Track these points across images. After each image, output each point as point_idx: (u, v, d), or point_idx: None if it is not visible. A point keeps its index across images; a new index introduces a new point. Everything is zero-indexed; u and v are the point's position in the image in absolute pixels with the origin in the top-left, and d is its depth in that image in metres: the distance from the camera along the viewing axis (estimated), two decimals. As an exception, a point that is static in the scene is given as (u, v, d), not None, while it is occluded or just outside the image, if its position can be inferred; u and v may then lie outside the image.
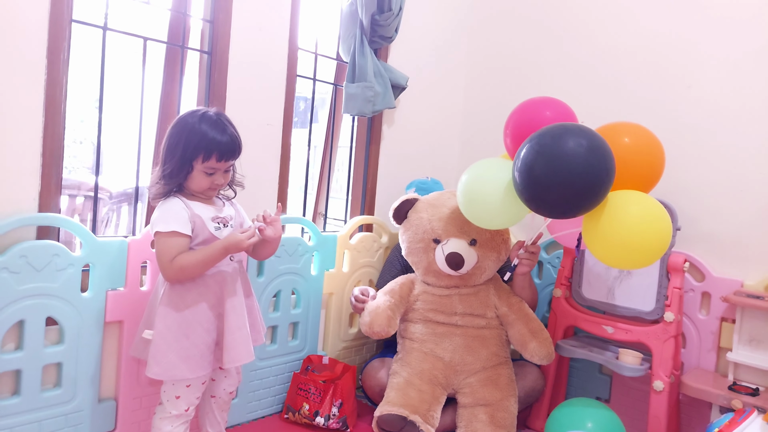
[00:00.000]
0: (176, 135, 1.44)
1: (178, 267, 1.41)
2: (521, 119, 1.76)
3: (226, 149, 1.46)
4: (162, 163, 1.46)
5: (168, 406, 1.50)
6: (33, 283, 1.47)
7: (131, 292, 1.66)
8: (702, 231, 2.06)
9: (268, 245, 1.60)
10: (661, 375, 1.88)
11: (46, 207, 1.52)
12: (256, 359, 1.99)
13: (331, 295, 2.26)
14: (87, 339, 1.60)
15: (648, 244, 1.53)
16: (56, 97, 1.49)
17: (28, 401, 1.50)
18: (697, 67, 2.10)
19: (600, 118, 1.87)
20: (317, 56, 2.27)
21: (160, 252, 1.42)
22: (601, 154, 1.50)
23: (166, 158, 1.45)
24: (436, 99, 2.69)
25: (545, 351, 1.94)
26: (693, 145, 2.10)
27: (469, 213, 1.81)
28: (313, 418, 1.97)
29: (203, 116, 1.45)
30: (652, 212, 1.54)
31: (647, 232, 1.52)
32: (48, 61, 1.47)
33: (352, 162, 2.49)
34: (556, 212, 1.57)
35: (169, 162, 1.44)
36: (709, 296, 2.03)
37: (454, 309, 2.01)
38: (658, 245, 1.54)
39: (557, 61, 2.48)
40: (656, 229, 1.53)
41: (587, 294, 2.15)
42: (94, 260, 1.58)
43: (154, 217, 1.46)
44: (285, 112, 2.06)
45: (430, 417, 1.85)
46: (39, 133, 1.49)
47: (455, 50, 2.75)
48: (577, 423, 1.76)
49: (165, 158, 1.46)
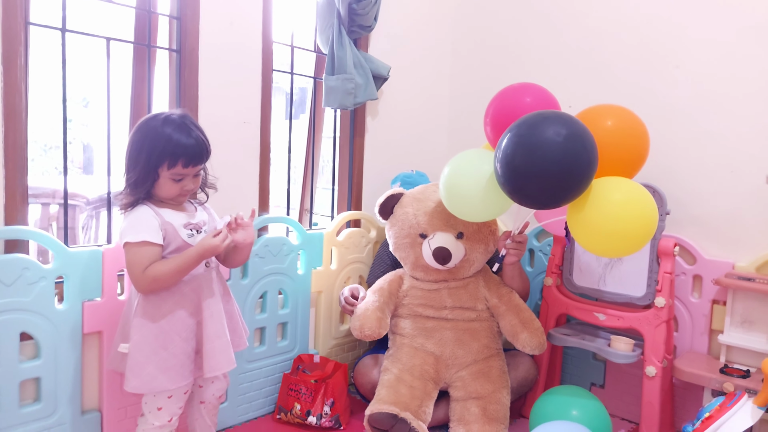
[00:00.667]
0: (138, 141, 1.38)
1: (151, 278, 1.36)
2: (501, 107, 1.71)
3: (193, 153, 1.39)
4: (126, 172, 1.40)
5: (150, 418, 1.47)
6: (3, 299, 1.43)
7: (108, 301, 1.62)
8: (692, 214, 2.03)
9: (239, 252, 1.53)
10: (653, 360, 1.86)
11: (12, 219, 1.47)
12: (244, 361, 1.97)
13: (320, 293, 2.23)
14: (65, 352, 1.56)
15: (633, 231, 1.49)
16: (15, 103, 1.43)
17: (6, 417, 1.47)
18: (685, 47, 2.04)
19: (587, 101, 1.82)
20: (294, 49, 2.21)
21: (131, 263, 1.37)
22: (582, 141, 1.45)
23: (130, 166, 1.39)
24: (420, 88, 2.63)
25: (537, 341, 1.91)
26: (681, 126, 2.05)
27: (453, 207, 1.77)
28: (305, 418, 1.95)
29: (166, 119, 1.39)
30: (635, 198, 1.50)
31: (631, 218, 1.48)
32: (3, 68, 1.41)
33: (336, 156, 2.44)
34: (539, 203, 1.53)
35: (132, 170, 1.38)
36: (700, 279, 2.00)
37: (444, 303, 1.98)
38: (644, 232, 1.50)
39: (544, 45, 2.42)
40: (641, 215, 1.49)
41: (578, 281, 2.12)
42: (67, 271, 1.54)
43: (122, 227, 1.40)
44: (262, 108, 2.00)
45: (421, 413, 1.83)
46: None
47: (439, 37, 2.68)
48: (561, 411, 1.74)
49: (128, 166, 1.40)
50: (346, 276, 2.31)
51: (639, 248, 1.55)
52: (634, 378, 2.13)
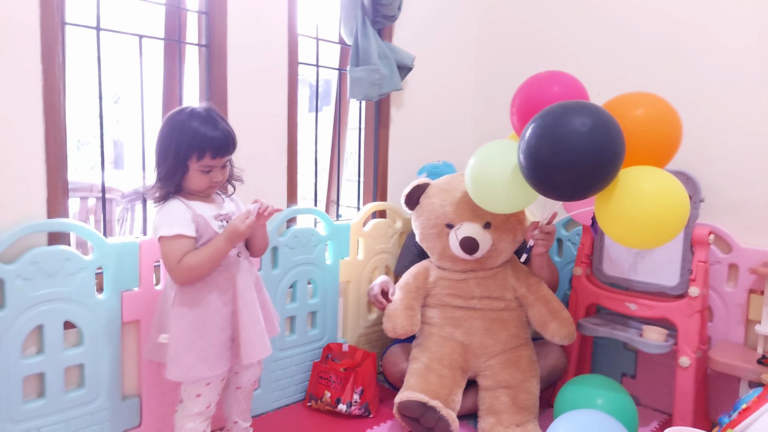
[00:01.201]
0: (167, 135, 1.42)
1: (186, 268, 1.40)
2: (528, 96, 1.69)
3: (220, 145, 1.43)
4: (157, 166, 1.44)
5: (189, 405, 1.52)
6: (47, 289, 1.49)
7: (146, 291, 1.67)
8: (727, 201, 1.98)
9: (257, 239, 1.58)
10: (686, 351, 1.83)
11: (55, 212, 1.53)
12: (276, 350, 2.01)
13: (348, 283, 2.25)
14: (106, 340, 1.62)
15: (663, 222, 1.46)
16: (55, 102, 1.48)
17: (52, 403, 1.54)
18: (717, 30, 1.98)
19: (617, 88, 1.78)
20: (319, 41, 2.22)
21: (167, 256, 1.41)
22: (607, 131, 1.42)
23: (160, 160, 1.43)
24: (445, 78, 2.61)
25: (566, 331, 1.90)
26: (716, 111, 2.00)
27: (479, 198, 1.77)
28: (335, 406, 1.99)
29: (192, 113, 1.42)
30: (665, 188, 1.47)
31: (661, 209, 1.45)
32: (43, 67, 1.46)
33: (361, 148, 2.45)
34: (564, 195, 1.51)
35: (163, 164, 1.42)
36: (736, 268, 1.95)
37: (472, 293, 1.98)
38: (674, 223, 1.47)
39: (571, 32, 2.37)
40: (671, 205, 1.46)
41: (608, 271, 2.10)
42: (106, 263, 1.60)
43: (155, 222, 1.45)
44: (289, 100, 2.03)
45: (450, 401, 1.84)
46: (41, 140, 1.49)
47: (464, 25, 2.65)
48: (586, 400, 1.73)
49: (158, 160, 1.44)
50: (372, 266, 2.33)
51: (669, 240, 1.52)
52: (667, 368, 2.10)
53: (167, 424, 1.76)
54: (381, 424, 1.98)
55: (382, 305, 2.01)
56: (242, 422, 1.72)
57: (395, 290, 2.04)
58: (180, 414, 1.54)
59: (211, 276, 1.47)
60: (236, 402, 1.69)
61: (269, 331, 1.61)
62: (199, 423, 1.53)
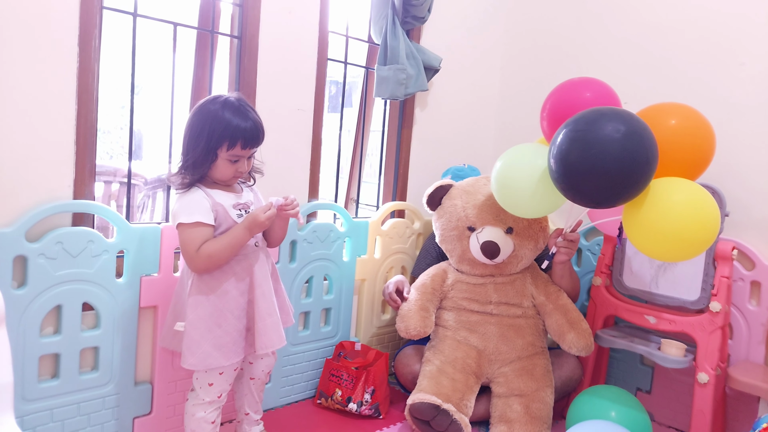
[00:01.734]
0: (199, 124, 1.42)
1: (205, 256, 1.40)
2: (559, 102, 1.67)
3: (251, 136, 1.43)
4: (185, 153, 1.44)
5: (201, 393, 1.51)
6: (69, 269, 1.49)
7: (165, 277, 1.67)
8: (753, 217, 1.95)
9: (276, 231, 1.59)
10: (706, 367, 1.80)
11: (81, 194, 1.54)
12: (288, 344, 2.00)
13: (364, 282, 2.24)
14: (122, 324, 1.62)
15: (693, 235, 1.44)
16: (88, 84, 1.49)
17: (66, 384, 1.54)
18: (751, 43, 1.96)
19: (645, 99, 1.77)
20: (348, 39, 2.23)
21: (186, 243, 1.41)
22: (641, 139, 1.41)
23: (189, 148, 1.43)
24: (471, 81, 2.61)
25: (584, 342, 1.88)
26: (744, 125, 1.97)
27: (504, 201, 1.75)
28: (345, 404, 1.97)
29: (225, 103, 1.42)
30: (697, 200, 1.45)
31: (692, 221, 1.43)
32: (80, 49, 1.47)
33: (384, 147, 2.45)
34: (594, 202, 1.49)
35: (192, 151, 1.42)
36: (759, 285, 1.92)
37: (489, 298, 1.96)
38: (704, 236, 1.45)
39: (600, 39, 2.36)
40: (702, 218, 1.43)
41: (629, 283, 2.07)
42: (128, 246, 1.60)
43: (175, 209, 1.44)
44: (316, 96, 2.03)
45: (463, 406, 1.82)
46: (72, 121, 1.50)
47: (491, 29, 2.65)
48: (600, 412, 1.70)
49: (188, 148, 1.44)
50: (389, 266, 2.32)
51: (698, 253, 1.49)
52: (683, 385, 2.06)
53: (178, 412, 1.76)
54: (391, 426, 1.96)
55: (396, 304, 2.00)
56: (253, 414, 1.71)
57: (411, 290, 2.02)
58: (191, 402, 1.53)
59: (229, 265, 1.47)
60: (249, 392, 1.68)
61: (285, 321, 1.61)
62: (210, 412, 1.53)
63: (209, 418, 1.53)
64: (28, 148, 1.45)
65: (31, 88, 1.43)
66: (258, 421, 1.73)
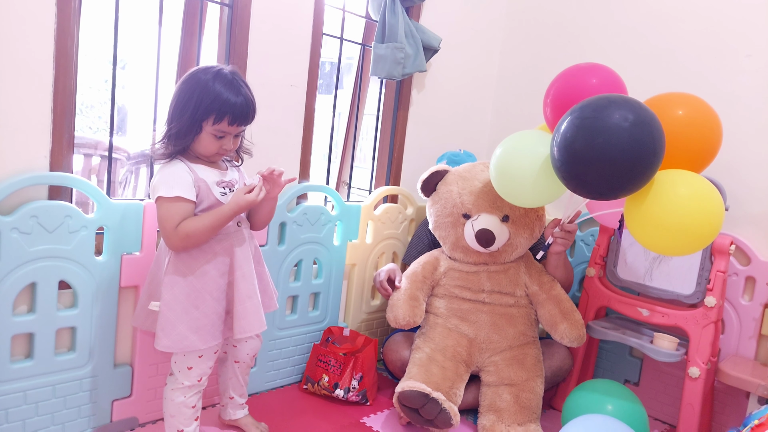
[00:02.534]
0: (187, 92, 1.33)
1: (183, 234, 1.32)
2: (564, 88, 1.61)
3: (240, 113, 1.35)
4: (168, 122, 1.35)
5: (180, 377, 1.45)
6: (45, 245, 1.41)
7: (147, 256, 1.60)
8: (750, 212, 1.93)
9: (263, 209, 1.50)
10: (697, 361, 1.79)
11: (58, 166, 1.45)
12: (275, 329, 1.95)
13: (354, 266, 2.19)
14: (101, 303, 1.55)
15: (697, 229, 1.40)
16: (67, 47, 1.39)
17: (41, 364, 1.47)
18: (758, 35, 1.92)
19: (647, 89, 1.72)
20: (345, 13, 2.14)
21: (164, 218, 1.33)
22: (649, 129, 1.35)
23: (174, 117, 1.34)
24: (470, 63, 2.54)
25: (576, 333, 1.85)
26: (745, 119, 1.94)
27: (502, 189, 1.70)
28: (332, 390, 1.93)
29: (217, 74, 1.33)
30: (703, 194, 1.41)
31: (697, 215, 1.39)
32: (57, 9, 1.37)
33: (378, 128, 2.38)
34: (597, 193, 1.44)
35: (176, 121, 1.33)
36: (753, 281, 1.91)
37: (482, 286, 1.92)
38: (708, 230, 1.41)
39: (602, 26, 2.30)
40: (707, 212, 1.39)
41: (623, 275, 2.04)
42: (108, 223, 1.52)
43: (155, 181, 1.36)
44: (309, 72, 1.95)
45: (452, 394, 1.79)
46: (49, 87, 1.40)
47: (492, 11, 2.58)
48: (597, 406, 1.68)
49: (172, 116, 1.35)
50: (380, 251, 2.26)
51: (701, 248, 1.46)
52: (672, 378, 2.05)
53: (159, 395, 1.70)
54: (378, 412, 1.92)
55: (387, 293, 1.95)
56: (238, 398, 1.66)
57: (402, 278, 1.97)
58: (170, 387, 1.47)
59: (209, 244, 1.39)
60: (233, 376, 1.63)
61: (267, 306, 1.55)
62: (190, 397, 1.47)
63: (189, 402, 1.47)
64: (0, 114, 1.35)
65: (4, 50, 1.33)
66: (243, 405, 1.68)
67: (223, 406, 1.69)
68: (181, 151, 1.38)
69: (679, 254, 1.49)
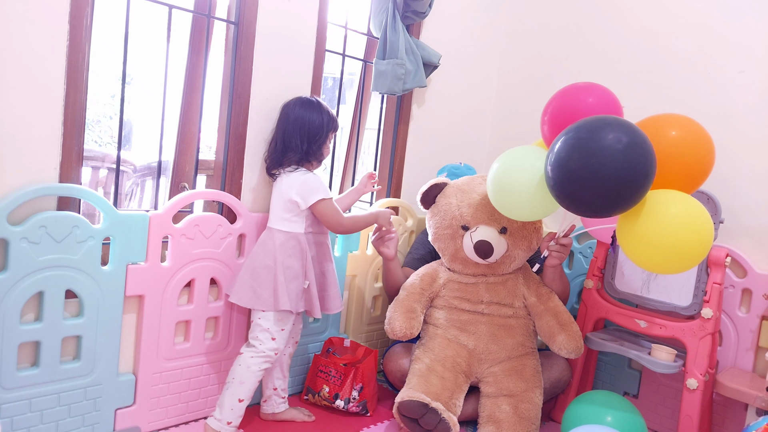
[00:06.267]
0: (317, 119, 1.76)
1: (350, 223, 1.79)
2: (561, 106, 1.64)
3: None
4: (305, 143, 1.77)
5: (259, 346, 1.70)
6: (52, 255, 1.45)
7: (152, 266, 1.63)
8: (745, 225, 1.95)
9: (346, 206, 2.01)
10: (695, 373, 1.80)
11: (67, 177, 1.49)
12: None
13: (354, 278, 2.22)
14: (107, 313, 1.58)
15: (687, 248, 1.43)
16: (78, 64, 1.44)
17: (46, 373, 1.49)
18: (751, 50, 1.97)
19: (642, 106, 1.77)
20: (347, 31, 2.19)
21: (335, 213, 1.73)
22: (642, 151, 1.39)
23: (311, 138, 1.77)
24: (469, 80, 2.59)
25: (574, 345, 1.87)
26: (740, 133, 1.98)
27: (499, 203, 1.73)
28: (333, 401, 1.94)
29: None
30: (692, 214, 1.44)
31: (687, 234, 1.42)
32: (70, 26, 1.42)
33: (379, 142, 2.42)
34: (590, 211, 1.47)
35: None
36: (750, 293, 1.93)
37: (480, 297, 1.94)
38: (698, 250, 1.44)
39: (598, 46, 2.36)
40: (697, 231, 1.42)
41: (620, 287, 2.06)
42: (114, 233, 1.55)
43: (310, 186, 1.70)
44: (312, 87, 2.00)
45: (452, 405, 1.80)
46: (60, 102, 1.45)
47: (492, 29, 2.64)
48: (596, 418, 1.69)
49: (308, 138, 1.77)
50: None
51: (690, 267, 1.48)
52: (670, 390, 2.06)
53: (161, 404, 1.72)
54: (378, 423, 1.93)
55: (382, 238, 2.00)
56: (281, 391, 1.88)
57: (400, 290, 1.99)
58: (248, 353, 1.70)
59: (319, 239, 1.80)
60: (279, 364, 1.86)
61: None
62: (265, 363, 1.71)
63: (263, 366, 1.71)
64: (13, 127, 1.40)
65: (18, 65, 1.38)
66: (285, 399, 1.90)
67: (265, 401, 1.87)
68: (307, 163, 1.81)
69: (669, 272, 1.51)
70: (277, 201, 1.74)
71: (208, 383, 1.82)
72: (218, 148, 1.86)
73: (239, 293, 1.71)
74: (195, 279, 1.74)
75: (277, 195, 1.74)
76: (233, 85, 1.80)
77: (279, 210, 1.73)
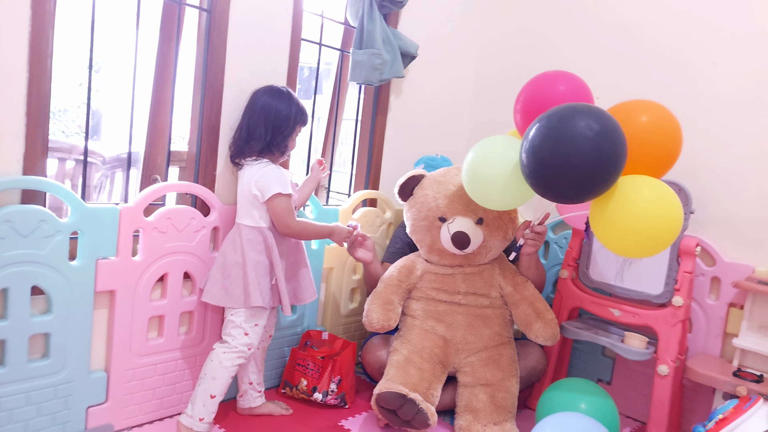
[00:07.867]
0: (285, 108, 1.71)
1: (301, 227, 1.70)
2: (533, 94, 1.66)
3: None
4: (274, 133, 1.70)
5: (237, 339, 1.67)
6: (18, 250, 1.40)
7: (123, 261, 1.59)
8: (715, 215, 2.00)
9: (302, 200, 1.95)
10: (666, 359, 1.84)
11: (32, 170, 1.43)
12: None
13: (332, 270, 2.20)
14: (76, 309, 1.53)
15: (657, 232, 1.46)
16: (42, 51, 1.38)
17: (14, 371, 1.45)
18: (724, 42, 2.00)
19: (615, 96, 1.78)
20: (324, 19, 2.16)
21: (285, 211, 1.65)
22: (612, 138, 1.41)
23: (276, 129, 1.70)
24: (446, 70, 2.58)
25: (550, 332, 1.89)
26: (710, 125, 2.02)
27: (474, 193, 1.74)
28: (311, 394, 1.93)
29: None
30: (663, 198, 1.47)
31: (657, 219, 1.45)
32: (32, 11, 1.36)
33: (357, 133, 2.40)
34: (563, 197, 1.50)
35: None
36: (719, 281, 1.98)
37: (457, 288, 1.95)
38: (668, 234, 1.47)
39: (574, 36, 2.37)
40: (667, 216, 1.45)
41: (594, 276, 2.10)
42: (83, 227, 1.51)
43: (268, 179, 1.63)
44: (288, 77, 1.96)
45: (430, 395, 1.81)
46: (23, 90, 1.39)
47: (469, 19, 2.63)
48: (570, 404, 1.72)
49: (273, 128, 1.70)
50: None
51: (661, 250, 1.52)
52: (643, 376, 2.11)
53: (135, 401, 1.69)
54: (356, 415, 1.93)
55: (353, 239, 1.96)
56: (256, 385, 1.85)
57: (378, 283, 1.99)
58: (221, 350, 1.67)
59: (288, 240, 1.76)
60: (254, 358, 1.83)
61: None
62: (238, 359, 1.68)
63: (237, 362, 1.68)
64: (-27, 118, 1.34)
65: (-23, 53, 1.32)
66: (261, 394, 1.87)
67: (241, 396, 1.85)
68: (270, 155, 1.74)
69: (639, 256, 1.55)
70: (241, 194, 1.70)
71: (182, 379, 1.80)
72: (191, 139, 1.82)
73: (211, 292, 1.67)
74: (168, 273, 1.71)
75: (241, 188, 1.70)
76: (206, 75, 1.75)
77: (243, 204, 1.69)
